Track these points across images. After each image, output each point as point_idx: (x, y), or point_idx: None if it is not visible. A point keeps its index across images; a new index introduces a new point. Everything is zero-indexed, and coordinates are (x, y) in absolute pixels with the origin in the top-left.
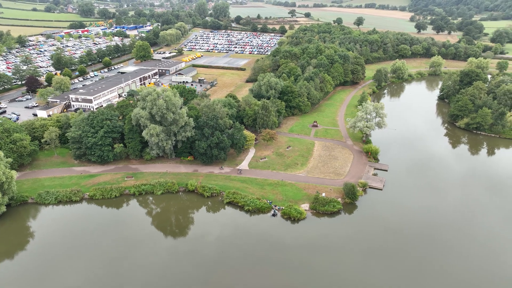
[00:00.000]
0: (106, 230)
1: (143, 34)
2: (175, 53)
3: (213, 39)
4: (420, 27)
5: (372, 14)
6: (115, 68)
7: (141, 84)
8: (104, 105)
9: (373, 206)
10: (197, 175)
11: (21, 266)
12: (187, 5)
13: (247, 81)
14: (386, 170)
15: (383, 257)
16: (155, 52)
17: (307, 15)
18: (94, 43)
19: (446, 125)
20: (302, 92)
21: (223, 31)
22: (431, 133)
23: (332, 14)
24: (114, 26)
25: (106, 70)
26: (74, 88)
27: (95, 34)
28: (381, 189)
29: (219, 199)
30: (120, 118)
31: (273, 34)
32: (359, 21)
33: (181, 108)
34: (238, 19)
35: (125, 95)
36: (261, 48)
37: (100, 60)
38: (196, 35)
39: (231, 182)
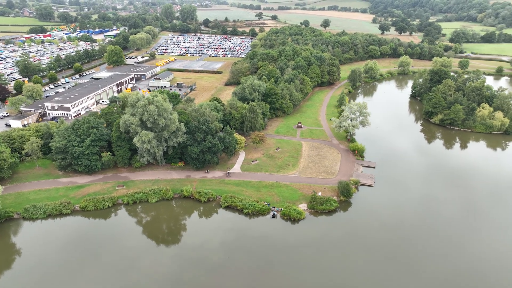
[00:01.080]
0: (104, 242)
1: (110, 39)
2: (147, 57)
3: (183, 42)
4: (383, 28)
5: (336, 16)
6: (86, 74)
7: (118, 90)
8: (83, 112)
9: (367, 203)
10: (190, 181)
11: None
12: (152, 9)
13: (226, 84)
14: (374, 167)
15: (383, 251)
16: (126, 57)
17: (274, 17)
18: (59, 48)
19: (421, 121)
20: (284, 93)
21: (193, 34)
22: (409, 129)
23: (297, 17)
24: (78, 30)
25: (77, 76)
26: (46, 96)
27: (59, 39)
28: (372, 186)
29: (216, 204)
30: (105, 125)
31: (243, 37)
32: (325, 23)
33: (171, 113)
34: (206, 22)
35: (103, 101)
36: (234, 51)
37: (70, 66)
38: (165, 39)
39: (226, 186)
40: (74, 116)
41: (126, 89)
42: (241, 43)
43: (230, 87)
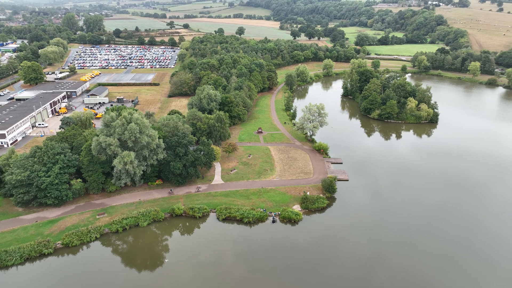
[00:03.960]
0: (108, 278)
1: (9, 53)
2: (67, 73)
3: (100, 54)
4: (295, 34)
5: (245, 24)
6: (2, 94)
7: (52, 110)
8: (19, 139)
9: (350, 196)
10: (175, 198)
11: None
12: (46, 19)
13: (170, 96)
14: (341, 163)
15: (383, 237)
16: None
17: (186, 26)
18: None
19: (360, 117)
20: (238, 101)
21: (107, 45)
22: (353, 125)
23: (207, 25)
24: None
25: None
26: None
27: None
28: (348, 180)
29: (212, 218)
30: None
31: (163, 47)
32: (240, 31)
33: (151, 130)
34: (117, 33)
35: (39, 124)
36: (160, 62)
37: None
38: (77, 52)
39: (215, 198)
40: (10, 144)
41: (60, 108)
42: (163, 53)
43: (174, 98)
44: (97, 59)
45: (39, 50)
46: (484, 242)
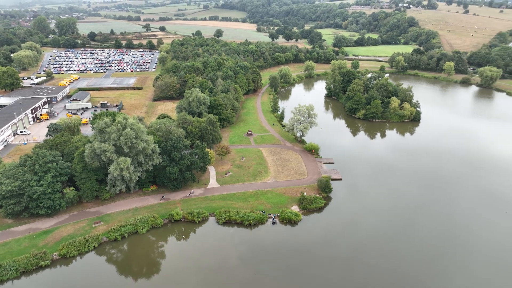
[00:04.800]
0: None
1: None
2: (44, 78)
3: (76, 58)
4: (273, 36)
5: (222, 26)
6: None
7: (33, 117)
8: (1, 147)
9: (346, 195)
10: (172, 203)
11: None
12: (13, 21)
13: (155, 100)
14: (333, 163)
15: (383, 232)
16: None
17: (162, 29)
18: None
19: (346, 117)
20: (226, 104)
21: (82, 49)
22: (339, 125)
23: (184, 27)
24: None
25: None
26: None
27: None
28: (341, 179)
29: (212, 222)
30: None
31: (141, 50)
32: (218, 33)
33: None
34: (92, 36)
35: (21, 132)
36: (140, 65)
37: None
38: (51, 56)
39: (213, 202)
40: None
41: (41, 115)
42: (142, 56)
43: (160, 102)
44: (73, 63)
45: (12, 55)
46: (482, 239)
